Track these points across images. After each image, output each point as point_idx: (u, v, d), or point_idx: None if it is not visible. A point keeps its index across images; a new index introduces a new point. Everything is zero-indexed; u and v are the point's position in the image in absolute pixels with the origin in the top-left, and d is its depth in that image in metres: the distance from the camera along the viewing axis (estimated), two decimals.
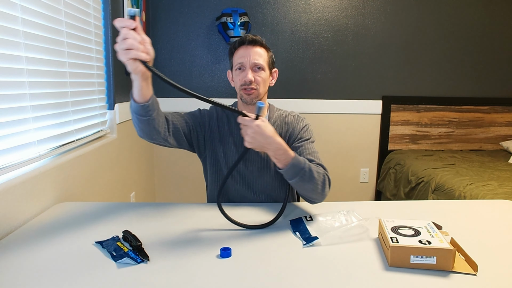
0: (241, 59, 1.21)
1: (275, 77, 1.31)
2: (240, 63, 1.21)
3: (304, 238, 0.95)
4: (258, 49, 1.22)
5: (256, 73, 1.21)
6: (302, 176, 1.05)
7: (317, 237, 0.94)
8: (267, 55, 1.24)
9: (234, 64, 1.24)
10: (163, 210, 1.16)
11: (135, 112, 1.02)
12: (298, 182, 1.06)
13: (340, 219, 1.05)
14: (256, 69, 1.21)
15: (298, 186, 1.08)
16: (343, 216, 1.07)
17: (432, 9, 2.94)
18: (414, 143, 3.10)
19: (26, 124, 1.18)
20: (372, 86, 2.98)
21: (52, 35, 1.34)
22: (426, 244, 0.80)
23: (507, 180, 2.16)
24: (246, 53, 1.20)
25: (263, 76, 1.22)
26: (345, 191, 3.10)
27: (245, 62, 1.20)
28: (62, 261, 0.83)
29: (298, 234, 0.98)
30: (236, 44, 1.24)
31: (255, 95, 1.22)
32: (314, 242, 0.92)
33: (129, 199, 2.21)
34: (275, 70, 1.31)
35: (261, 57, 1.22)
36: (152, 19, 2.73)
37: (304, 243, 0.93)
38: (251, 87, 1.20)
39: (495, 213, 1.18)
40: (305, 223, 1.04)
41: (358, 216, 1.05)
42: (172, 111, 1.27)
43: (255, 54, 1.21)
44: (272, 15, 2.82)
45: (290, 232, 1.01)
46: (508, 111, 3.14)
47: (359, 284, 0.75)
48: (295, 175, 1.05)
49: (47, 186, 1.23)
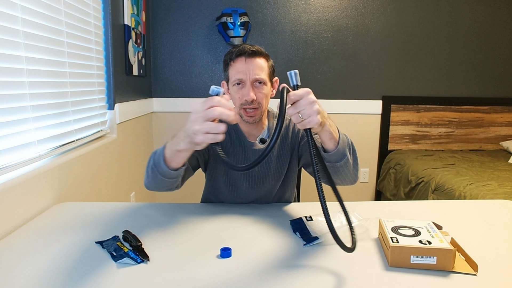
0: (240, 75, 1.10)
1: (275, 87, 1.20)
2: (239, 79, 1.10)
3: (304, 238, 0.95)
4: (258, 61, 1.10)
5: (258, 89, 1.11)
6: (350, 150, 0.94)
7: (318, 237, 0.94)
8: (267, 65, 1.14)
9: (232, 79, 1.12)
10: (163, 210, 1.16)
11: (163, 176, 0.93)
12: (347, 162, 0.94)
13: (341, 219, 1.05)
14: (257, 84, 1.11)
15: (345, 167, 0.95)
16: (343, 216, 1.06)
17: (432, 9, 2.94)
18: (414, 143, 3.10)
19: (26, 124, 1.18)
20: (372, 86, 2.98)
21: (52, 35, 1.34)
22: (426, 244, 0.80)
23: (507, 180, 2.16)
24: (245, 68, 1.09)
25: (265, 92, 1.12)
26: (345, 191, 3.10)
27: (245, 79, 1.09)
28: (62, 261, 0.83)
29: (299, 234, 0.98)
30: (233, 55, 1.11)
31: (258, 115, 1.14)
32: (314, 242, 0.92)
33: (129, 199, 2.20)
34: (275, 80, 1.21)
35: (262, 71, 1.11)
36: (152, 19, 2.73)
37: (304, 243, 0.93)
38: (252, 106, 1.11)
39: (495, 213, 1.18)
40: (305, 223, 1.04)
41: (358, 216, 1.05)
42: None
43: (256, 68, 1.09)
44: (272, 15, 2.82)
45: (290, 232, 1.01)
46: (508, 111, 3.14)
47: (359, 284, 0.75)
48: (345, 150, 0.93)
49: (47, 186, 1.23)
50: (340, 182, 1.03)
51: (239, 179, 1.22)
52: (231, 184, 1.23)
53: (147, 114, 2.67)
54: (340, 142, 0.92)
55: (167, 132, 2.84)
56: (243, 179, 1.22)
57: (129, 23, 2.12)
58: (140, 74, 2.42)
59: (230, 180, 1.22)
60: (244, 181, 1.22)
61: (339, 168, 0.97)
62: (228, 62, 1.13)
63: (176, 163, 0.91)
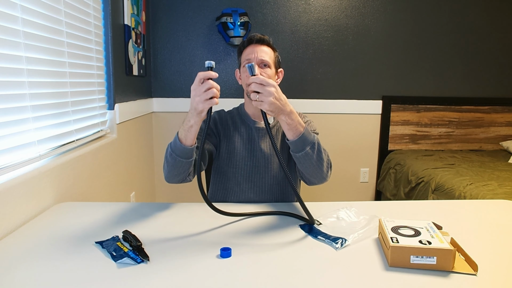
0: (248, 56, 1.25)
1: (280, 77, 1.35)
2: (248, 60, 1.24)
3: (334, 241, 0.92)
4: (265, 48, 1.26)
5: (262, 69, 1.24)
6: (312, 148, 1.06)
7: (345, 239, 0.93)
8: (273, 54, 1.29)
9: (242, 62, 1.28)
10: (163, 210, 1.16)
11: (180, 156, 1.06)
12: (305, 156, 1.06)
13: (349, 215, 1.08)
14: (262, 66, 1.25)
15: (304, 161, 1.07)
16: (351, 212, 1.10)
17: (432, 9, 2.94)
18: (414, 143, 3.10)
19: (26, 124, 1.18)
20: (372, 86, 2.98)
21: (52, 35, 1.34)
22: (426, 244, 0.80)
23: (507, 180, 2.16)
24: (253, 50, 1.25)
25: (268, 73, 1.25)
26: (345, 191, 3.10)
27: (252, 59, 1.23)
28: (62, 261, 0.83)
29: (323, 238, 0.95)
30: (245, 43, 1.28)
31: None
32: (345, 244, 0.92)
33: (129, 199, 2.20)
34: (280, 70, 1.35)
35: (267, 55, 1.25)
36: (152, 19, 2.73)
37: (336, 247, 0.90)
38: None
39: (495, 213, 1.18)
40: (320, 229, 1.01)
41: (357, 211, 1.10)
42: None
43: (262, 52, 1.24)
44: (272, 15, 2.82)
45: (290, 232, 1.00)
46: (508, 111, 3.14)
47: (359, 284, 0.75)
48: (306, 145, 1.05)
49: (47, 186, 1.23)
50: (307, 175, 1.15)
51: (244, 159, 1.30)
52: (235, 166, 1.30)
53: (147, 114, 2.67)
54: (300, 137, 1.04)
55: (167, 132, 2.84)
56: (249, 160, 1.30)
57: (129, 23, 2.12)
58: (140, 74, 2.42)
59: (234, 163, 1.30)
60: (249, 162, 1.29)
61: (298, 158, 1.08)
62: (242, 49, 1.29)
63: (190, 139, 1.05)
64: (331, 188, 3.06)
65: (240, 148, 1.30)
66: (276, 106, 0.99)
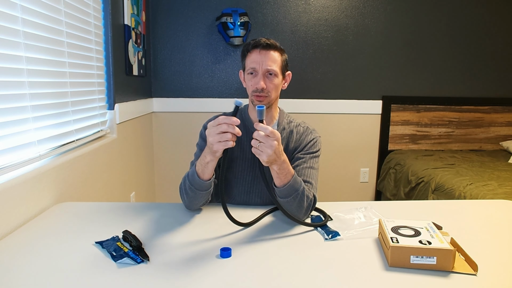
0: (253, 64, 1.18)
1: (288, 80, 1.29)
2: (253, 68, 1.18)
3: (326, 233, 0.99)
4: (272, 54, 1.18)
5: (268, 79, 1.18)
6: (294, 198, 1.05)
7: (338, 232, 0.98)
8: (281, 59, 1.21)
9: (247, 68, 1.21)
10: (163, 210, 1.16)
11: (199, 190, 1.08)
12: (287, 203, 1.06)
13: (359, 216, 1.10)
14: (268, 75, 1.18)
15: (284, 203, 1.06)
16: (361, 213, 1.12)
17: (432, 9, 2.94)
18: (414, 143, 3.10)
19: (26, 124, 1.18)
20: (372, 86, 2.98)
21: (52, 35, 1.34)
22: (426, 245, 0.80)
23: (507, 180, 2.16)
24: (259, 59, 1.17)
25: (275, 82, 1.19)
26: (345, 191, 3.10)
27: (258, 68, 1.17)
28: (62, 261, 0.83)
29: (320, 229, 1.02)
30: (250, 46, 1.20)
31: (267, 102, 1.20)
32: (337, 238, 0.96)
33: (129, 199, 2.20)
34: (288, 73, 1.28)
35: (275, 63, 1.18)
36: (152, 19, 2.73)
37: (326, 238, 0.96)
38: (262, 94, 1.18)
39: (495, 213, 1.18)
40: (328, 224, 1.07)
41: (376, 213, 1.11)
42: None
43: (269, 60, 1.17)
44: (272, 15, 2.82)
45: (290, 232, 1.01)
46: (508, 111, 3.14)
47: (359, 284, 0.75)
48: (288, 195, 1.05)
49: (47, 186, 1.23)
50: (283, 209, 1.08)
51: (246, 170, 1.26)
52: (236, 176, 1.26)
53: (147, 114, 2.67)
54: (284, 187, 1.04)
55: (167, 132, 2.84)
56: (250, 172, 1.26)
57: (129, 23, 2.12)
58: (140, 74, 2.42)
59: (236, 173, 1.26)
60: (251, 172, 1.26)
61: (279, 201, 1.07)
62: (245, 52, 1.22)
63: (208, 174, 1.07)
64: (331, 188, 3.06)
65: (241, 159, 1.25)
66: (273, 158, 0.98)
